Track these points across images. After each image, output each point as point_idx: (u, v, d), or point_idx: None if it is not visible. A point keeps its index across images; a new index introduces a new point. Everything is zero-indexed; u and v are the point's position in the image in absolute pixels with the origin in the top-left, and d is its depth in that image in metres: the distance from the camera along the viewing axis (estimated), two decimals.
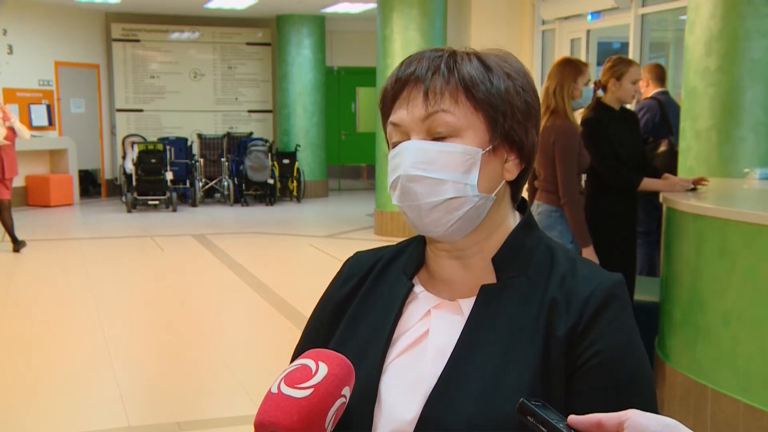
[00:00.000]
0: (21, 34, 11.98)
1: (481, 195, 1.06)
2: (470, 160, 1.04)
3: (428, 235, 1.10)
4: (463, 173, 1.04)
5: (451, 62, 1.06)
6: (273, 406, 0.91)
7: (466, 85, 1.05)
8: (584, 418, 0.84)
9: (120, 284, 7.12)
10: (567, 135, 3.90)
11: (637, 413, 0.82)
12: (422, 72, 1.06)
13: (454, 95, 1.05)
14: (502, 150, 1.08)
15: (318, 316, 1.22)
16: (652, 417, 0.82)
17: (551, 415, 0.85)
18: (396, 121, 1.08)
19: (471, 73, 1.05)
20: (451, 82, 1.05)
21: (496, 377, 1.02)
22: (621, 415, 0.83)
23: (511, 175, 1.10)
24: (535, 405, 0.86)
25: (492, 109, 1.05)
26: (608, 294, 1.04)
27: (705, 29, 4.05)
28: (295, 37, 13.45)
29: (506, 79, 1.07)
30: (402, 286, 1.14)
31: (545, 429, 0.84)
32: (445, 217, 1.05)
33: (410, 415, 1.03)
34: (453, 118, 1.04)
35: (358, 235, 9.56)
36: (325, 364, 0.95)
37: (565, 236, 3.98)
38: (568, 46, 9.15)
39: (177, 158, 12.38)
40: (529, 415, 0.85)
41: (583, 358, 1.01)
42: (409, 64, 1.09)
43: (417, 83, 1.06)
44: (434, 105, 1.04)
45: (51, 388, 4.34)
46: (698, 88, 4.15)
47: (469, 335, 1.05)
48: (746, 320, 3.32)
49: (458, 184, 1.04)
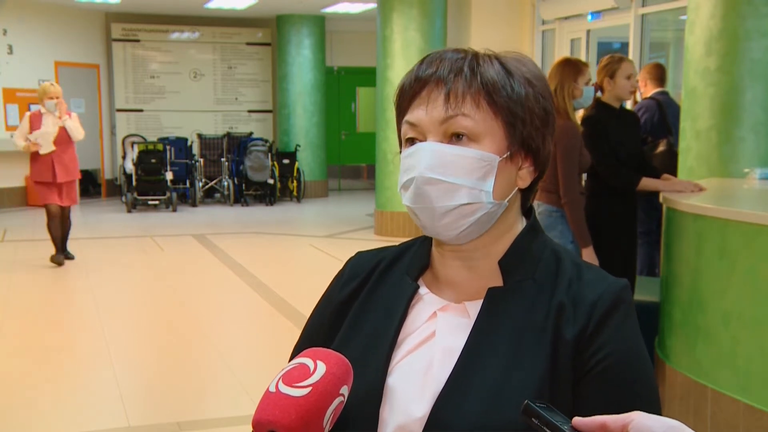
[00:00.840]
0: (21, 34, 11.98)
1: (495, 202, 1.06)
2: (487, 166, 1.04)
3: (438, 237, 1.10)
4: (479, 179, 1.04)
5: (474, 64, 1.05)
6: (271, 404, 0.91)
7: (488, 90, 1.04)
8: (588, 420, 0.84)
9: (120, 284, 7.12)
10: (568, 135, 3.89)
11: (641, 415, 0.83)
12: (444, 73, 1.05)
13: (476, 99, 1.04)
14: (518, 157, 1.08)
15: (318, 315, 1.22)
16: (656, 419, 0.82)
17: (556, 416, 0.86)
18: (413, 120, 1.07)
19: (493, 78, 1.04)
20: (473, 85, 1.04)
21: (503, 380, 1.02)
22: (625, 417, 0.83)
23: (524, 183, 1.10)
24: (539, 407, 0.86)
25: (511, 116, 1.05)
26: (616, 298, 1.05)
27: (705, 29, 4.05)
28: (295, 37, 13.45)
29: (527, 85, 1.06)
30: (407, 288, 1.14)
31: (550, 431, 0.84)
32: (457, 222, 1.05)
33: (418, 415, 1.03)
34: (472, 123, 1.03)
35: (358, 235, 9.56)
36: (324, 363, 0.95)
37: (566, 236, 3.98)
38: (568, 46, 9.15)
39: (177, 158, 12.38)
40: (534, 417, 0.86)
41: (591, 362, 1.02)
42: (430, 64, 1.07)
43: (438, 84, 1.05)
44: (455, 108, 1.03)
45: (51, 388, 4.34)
46: (698, 88, 4.14)
47: (476, 338, 1.05)
48: (746, 320, 3.32)
49: (473, 190, 1.04)
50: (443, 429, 1.01)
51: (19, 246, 8.80)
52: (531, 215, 1.16)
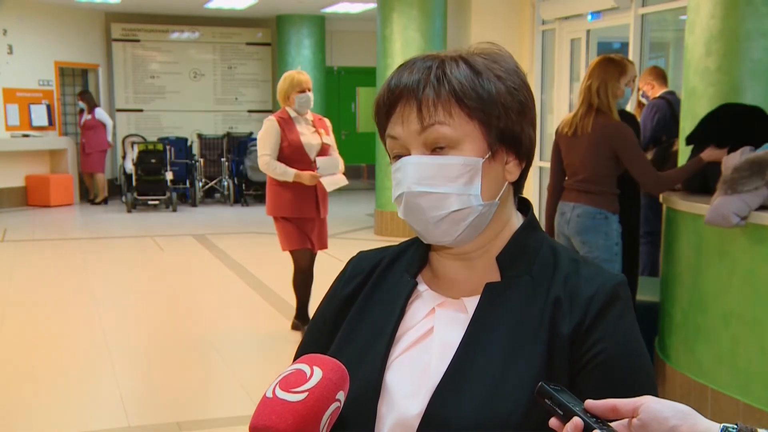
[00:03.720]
0: (21, 34, 11.98)
1: (485, 203, 1.07)
2: (471, 170, 1.06)
3: (436, 244, 1.12)
4: (466, 184, 1.05)
5: (440, 72, 1.06)
6: (268, 410, 0.91)
7: (457, 96, 1.05)
8: (600, 402, 0.86)
9: (120, 284, 7.12)
10: (621, 133, 3.84)
11: (651, 399, 0.84)
12: (413, 84, 1.06)
13: (447, 107, 1.05)
14: (501, 153, 1.09)
15: (322, 314, 1.23)
16: (666, 403, 0.84)
17: (568, 398, 0.88)
18: (394, 134, 1.09)
19: (461, 82, 1.05)
20: (442, 93, 1.05)
21: (500, 375, 1.03)
22: (636, 400, 0.85)
23: (513, 176, 1.11)
24: (553, 388, 0.89)
25: (485, 115, 1.06)
26: (612, 293, 1.06)
27: (705, 29, 4.05)
28: (295, 37, 13.45)
29: (497, 81, 1.07)
30: (405, 285, 1.15)
31: (562, 411, 0.87)
32: (451, 229, 1.07)
33: (415, 410, 1.04)
34: (449, 130, 1.05)
35: (358, 235, 9.56)
36: (320, 369, 0.95)
37: (611, 238, 3.90)
38: (568, 46, 9.15)
39: (177, 158, 12.38)
40: (547, 398, 0.88)
41: (587, 356, 1.03)
42: (401, 74, 1.09)
43: (410, 97, 1.07)
44: (429, 118, 1.05)
45: (51, 388, 4.34)
46: (698, 88, 4.14)
47: (473, 333, 1.07)
48: (746, 320, 3.32)
49: (462, 196, 1.05)
50: (439, 425, 1.02)
51: (19, 246, 8.80)
52: (527, 210, 1.17)
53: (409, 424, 1.04)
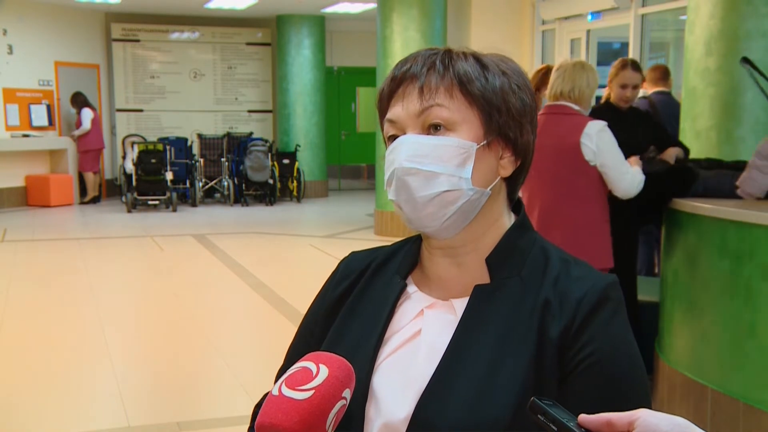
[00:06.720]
0: (21, 34, 11.98)
1: (476, 189, 1.06)
2: (465, 153, 1.05)
3: (423, 230, 1.10)
4: (457, 166, 1.05)
5: (446, 59, 1.07)
6: (274, 408, 0.91)
7: (461, 80, 1.06)
8: (594, 417, 0.84)
9: (120, 284, 7.12)
10: None
11: (647, 412, 0.82)
12: (417, 69, 1.07)
13: (449, 90, 1.05)
14: (497, 146, 1.08)
15: (312, 315, 1.22)
16: (662, 416, 0.82)
17: (562, 413, 0.86)
18: (392, 117, 1.09)
19: (466, 69, 1.06)
20: (446, 77, 1.06)
21: (488, 378, 1.01)
22: (631, 414, 0.83)
23: (506, 172, 1.10)
24: (545, 404, 0.86)
25: (487, 105, 1.06)
26: (601, 295, 1.04)
27: (705, 29, 4.05)
28: (295, 37, 13.45)
29: (502, 76, 1.08)
30: (395, 286, 1.14)
31: (556, 427, 0.84)
32: (440, 212, 1.05)
33: (402, 414, 1.03)
34: (447, 113, 1.05)
35: (358, 235, 9.56)
36: (326, 367, 0.95)
37: None
38: (568, 46, 9.15)
39: (177, 158, 12.38)
40: (540, 414, 0.86)
41: (576, 359, 1.01)
42: (405, 63, 1.10)
43: (413, 80, 1.07)
44: (429, 99, 1.05)
45: (51, 388, 4.34)
46: (698, 88, 4.14)
47: (461, 335, 1.05)
48: (746, 321, 3.32)
49: (452, 177, 1.04)
50: (427, 428, 1.01)
51: (19, 246, 8.80)
52: (520, 211, 1.16)
53: (396, 428, 1.03)
